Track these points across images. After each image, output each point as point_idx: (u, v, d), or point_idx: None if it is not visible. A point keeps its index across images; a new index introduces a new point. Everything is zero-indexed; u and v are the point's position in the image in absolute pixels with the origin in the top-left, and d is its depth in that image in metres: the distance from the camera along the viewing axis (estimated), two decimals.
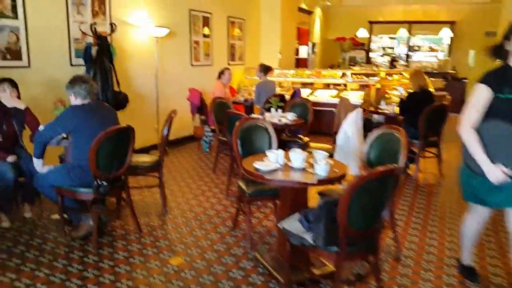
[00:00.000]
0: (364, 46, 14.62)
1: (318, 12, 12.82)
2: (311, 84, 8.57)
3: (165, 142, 3.82)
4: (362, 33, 12.32)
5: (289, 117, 4.75)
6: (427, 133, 5.06)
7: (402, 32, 12.28)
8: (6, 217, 3.50)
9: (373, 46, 14.13)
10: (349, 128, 4.17)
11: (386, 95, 6.48)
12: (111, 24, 5.23)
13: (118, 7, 5.55)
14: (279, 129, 4.61)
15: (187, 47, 6.99)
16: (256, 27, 9.24)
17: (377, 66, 12.96)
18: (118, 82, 5.18)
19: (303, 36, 11.03)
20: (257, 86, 6.29)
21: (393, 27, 13.33)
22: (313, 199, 3.78)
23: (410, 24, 13.09)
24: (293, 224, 2.32)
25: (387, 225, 3.08)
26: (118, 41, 5.53)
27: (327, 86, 8.48)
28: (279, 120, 4.56)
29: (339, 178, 2.52)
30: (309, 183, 2.37)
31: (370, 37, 13.60)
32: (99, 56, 4.91)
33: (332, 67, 14.16)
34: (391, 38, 14.47)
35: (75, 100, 3.18)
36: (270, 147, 3.50)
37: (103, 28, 5.25)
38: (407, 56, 13.75)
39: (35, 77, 4.54)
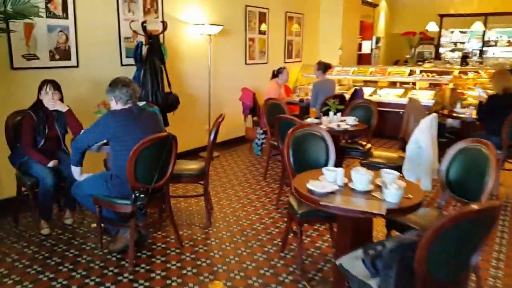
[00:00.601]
0: (433, 41, 13.58)
1: (383, 5, 12.01)
2: (375, 82, 7.94)
3: (211, 148, 3.50)
4: (431, 27, 11.33)
5: (350, 122, 4.25)
6: (511, 143, 4.35)
7: (477, 25, 11.12)
8: (46, 224, 3.37)
9: (443, 41, 13.05)
10: (423, 137, 3.60)
11: (463, 96, 5.73)
12: (163, 22, 5.02)
13: (171, 4, 5.33)
14: (337, 135, 4.15)
15: (241, 45, 6.68)
16: (315, 22, 8.73)
17: (448, 62, 11.95)
18: (169, 83, 4.97)
19: (366, 30, 10.33)
20: (314, 85, 5.83)
21: (466, 20, 12.17)
22: (379, 228, 3.30)
23: (485, 17, 11.87)
24: (354, 264, 1.88)
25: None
26: (169, 39, 5.32)
27: (392, 84, 7.81)
28: (338, 126, 4.08)
29: (414, 208, 2.04)
30: (376, 213, 1.91)
31: (440, 31, 12.54)
32: (150, 55, 4.72)
33: (397, 63, 13.29)
34: (462, 32, 13.29)
35: (115, 105, 2.95)
36: (327, 159, 3.07)
37: (154, 26, 5.05)
38: (481, 51, 12.52)
39: (83, 77, 4.43)
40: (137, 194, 2.72)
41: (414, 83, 7.56)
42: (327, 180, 2.29)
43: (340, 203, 2.01)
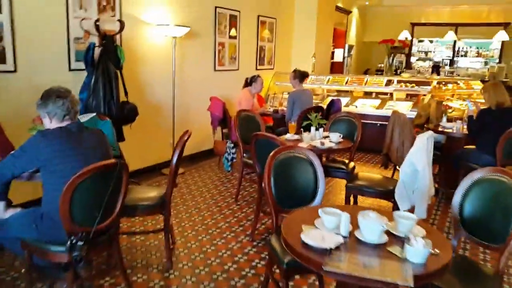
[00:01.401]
0: (404, 50, 13.48)
1: (354, 12, 11.75)
2: (348, 92, 7.54)
3: (174, 173, 2.89)
4: (404, 36, 11.16)
5: (334, 138, 3.75)
6: (506, 162, 3.99)
7: (450, 35, 11.04)
8: None
9: (413, 50, 12.97)
10: (419, 159, 3.14)
11: (448, 109, 5.38)
12: (120, 21, 4.37)
13: (131, 1, 4.68)
14: (320, 154, 3.64)
15: (210, 50, 6.09)
16: (288, 27, 8.27)
17: (419, 72, 11.81)
18: (126, 91, 4.32)
19: (339, 37, 9.99)
20: (290, 96, 5.32)
21: (437, 29, 12.11)
22: None
23: (456, 27, 11.85)
24: None
25: None
26: (128, 41, 4.67)
27: (367, 94, 7.44)
28: (322, 143, 3.57)
29: (441, 272, 1.52)
30: (401, 285, 1.37)
31: (412, 40, 12.43)
32: (103, 59, 4.06)
33: (367, 72, 13.10)
34: (431, 41, 13.27)
35: (50, 123, 2.30)
36: (315, 188, 2.55)
37: (110, 25, 4.39)
38: (451, 61, 12.50)
39: (23, 84, 3.71)
40: (73, 241, 2.08)
41: (391, 94, 7.23)
42: (326, 227, 1.75)
43: (351, 268, 1.46)
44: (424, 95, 6.90)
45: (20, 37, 3.66)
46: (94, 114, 3.76)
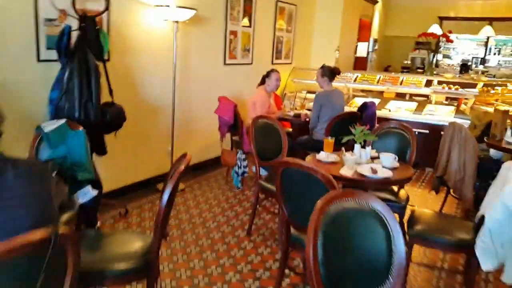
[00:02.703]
0: (430, 46, 12.40)
1: (378, 4, 10.68)
2: (378, 92, 6.54)
3: (163, 220, 1.92)
4: (434, 30, 10.08)
5: (387, 162, 2.76)
6: None
7: (487, 30, 9.94)
8: None
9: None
10: None
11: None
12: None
13: None
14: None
15: (220, 39, 5.09)
16: (309, 15, 7.23)
17: (447, 71, 10.74)
18: (110, 89, 3.35)
19: (362, 30, 8.93)
20: (317, 98, 4.33)
21: (469, 24, 11.03)
22: None
23: (490, 22, 10.74)
24: None
25: None
26: (116, 25, 3.69)
27: (399, 96, 6.43)
28: (373, 171, 2.57)
29: None
30: None
31: (439, 36, 11.34)
32: (81, 46, 3.09)
33: (387, 69, 12.06)
34: (458, 38, 12.15)
35: None
36: (389, 261, 1.58)
37: (92, 4, 3.41)
38: (483, 60, 11.39)
39: None
40: None
41: (426, 96, 6.22)
42: None
43: None
44: (466, 99, 5.91)
45: None
46: (64, 121, 2.82)
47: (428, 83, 6.07)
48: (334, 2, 7.17)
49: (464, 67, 11.10)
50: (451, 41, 6.32)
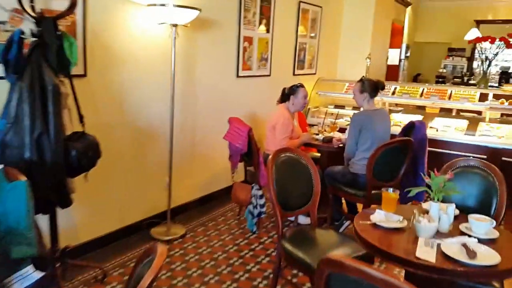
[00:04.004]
0: (464, 53, 11.31)
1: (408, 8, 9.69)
2: (419, 107, 5.55)
3: None
4: (473, 35, 9.02)
5: (479, 229, 1.79)
6: None
7: None
8: None
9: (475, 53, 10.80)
10: None
11: None
12: None
13: None
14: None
15: (231, 46, 4.20)
16: (336, 18, 6.30)
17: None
18: (80, 115, 2.49)
19: (394, 35, 7.95)
20: (355, 120, 3.38)
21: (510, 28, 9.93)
22: None
23: None
24: None
25: None
26: (97, 31, 2.84)
27: (444, 111, 5.43)
28: (471, 252, 1.60)
29: None
30: None
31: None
32: (34, 58, 2.24)
33: (416, 78, 11.01)
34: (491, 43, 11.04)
35: None
36: None
37: (54, 3, 2.57)
38: None
39: None
40: None
41: (478, 112, 5.22)
42: None
43: None
44: None
45: None
46: (1, 167, 1.95)
47: (482, 97, 5.06)
48: (364, 3, 6.23)
49: (505, 75, 10.01)
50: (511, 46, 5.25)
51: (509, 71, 10.35)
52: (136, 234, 3.38)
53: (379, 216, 1.94)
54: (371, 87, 3.36)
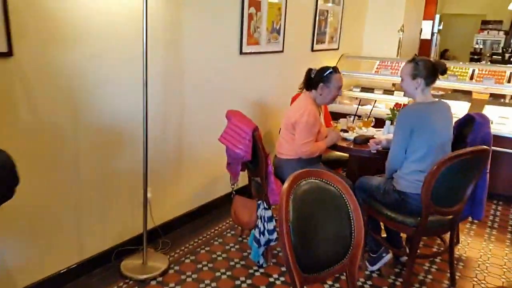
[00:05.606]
0: (500, 26, 10.08)
1: None
2: (466, 92, 4.52)
3: None
4: None
5: None
6: None
7: None
8: None
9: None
10: None
11: None
12: None
13: None
14: None
15: (233, 15, 3.18)
16: None
17: None
18: None
19: (427, 5, 6.80)
20: (404, 116, 2.37)
21: None
22: None
23: None
24: None
25: None
26: None
27: (492, 97, 4.41)
28: None
29: None
30: None
31: None
32: None
33: (444, 54, 9.90)
34: None
35: None
36: None
37: None
38: None
39: None
40: None
41: None
42: None
43: None
44: None
45: None
46: None
47: None
48: None
49: None
50: None
51: None
52: (100, 268, 2.51)
53: None
54: (428, 70, 2.36)
